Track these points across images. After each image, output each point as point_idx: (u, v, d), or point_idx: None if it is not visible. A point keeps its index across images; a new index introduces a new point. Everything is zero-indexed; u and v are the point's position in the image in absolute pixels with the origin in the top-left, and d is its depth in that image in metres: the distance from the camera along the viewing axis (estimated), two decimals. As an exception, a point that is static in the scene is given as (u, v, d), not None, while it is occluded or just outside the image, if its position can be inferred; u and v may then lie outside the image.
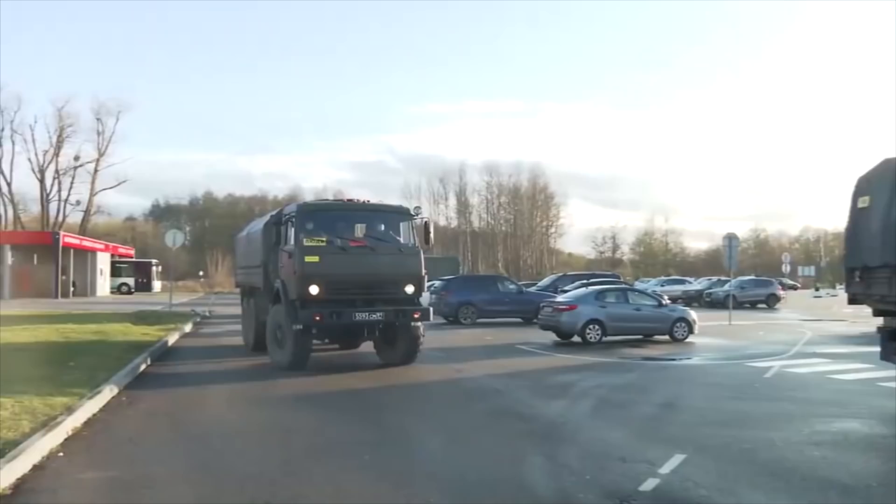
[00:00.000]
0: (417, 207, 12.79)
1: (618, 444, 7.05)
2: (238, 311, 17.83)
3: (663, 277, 53.66)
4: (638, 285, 35.50)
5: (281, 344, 11.99)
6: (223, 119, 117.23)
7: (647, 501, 5.21)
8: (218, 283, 62.95)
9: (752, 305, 36.44)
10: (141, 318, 21.73)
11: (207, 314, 27.54)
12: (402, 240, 12.47)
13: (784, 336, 19.24)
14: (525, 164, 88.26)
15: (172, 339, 16.95)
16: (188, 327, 20.71)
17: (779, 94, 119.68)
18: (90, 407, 8.00)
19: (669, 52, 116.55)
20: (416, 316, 11.98)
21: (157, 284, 57.06)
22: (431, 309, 13.04)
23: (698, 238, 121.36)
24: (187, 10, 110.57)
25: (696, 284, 42.84)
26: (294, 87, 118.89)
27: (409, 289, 12.03)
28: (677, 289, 40.30)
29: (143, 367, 11.81)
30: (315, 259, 11.40)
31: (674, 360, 13.56)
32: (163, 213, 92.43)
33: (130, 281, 54.64)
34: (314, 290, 11.35)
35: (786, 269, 49.33)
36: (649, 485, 5.54)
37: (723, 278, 38.42)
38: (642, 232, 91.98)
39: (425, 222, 13.04)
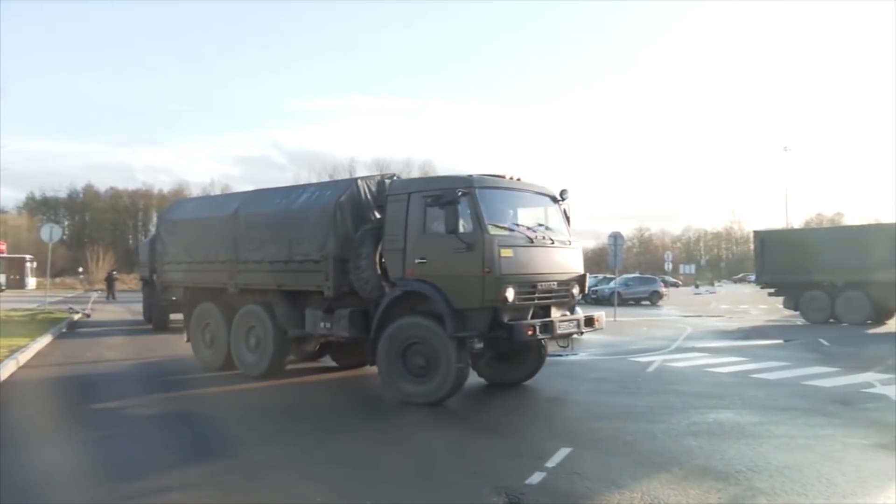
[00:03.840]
0: (565, 191, 10.53)
1: (505, 439, 7.40)
2: (129, 317, 16.24)
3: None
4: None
5: (426, 372, 9.11)
6: (103, 109, 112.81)
7: (534, 494, 5.47)
8: (99, 280, 59.68)
9: (637, 302, 38.44)
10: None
11: (87, 314, 25.43)
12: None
13: (666, 332, 20.40)
14: (415, 162, 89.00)
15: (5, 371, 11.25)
16: (45, 341, 16.00)
17: (660, 95, 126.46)
18: None
19: (556, 51, 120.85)
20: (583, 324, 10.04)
21: (31, 281, 54.09)
22: None
23: (584, 236, 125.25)
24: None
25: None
26: (178, 79, 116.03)
27: (576, 290, 10.16)
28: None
29: None
30: (510, 254, 9.01)
31: (560, 355, 14.11)
32: (38, 207, 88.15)
33: (2, 278, 51.54)
34: (510, 294, 8.90)
35: (668, 267, 52.22)
36: (535, 478, 5.82)
37: (608, 276, 40.27)
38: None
39: (564, 209, 10.68)
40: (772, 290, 24.59)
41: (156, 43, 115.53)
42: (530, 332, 8.95)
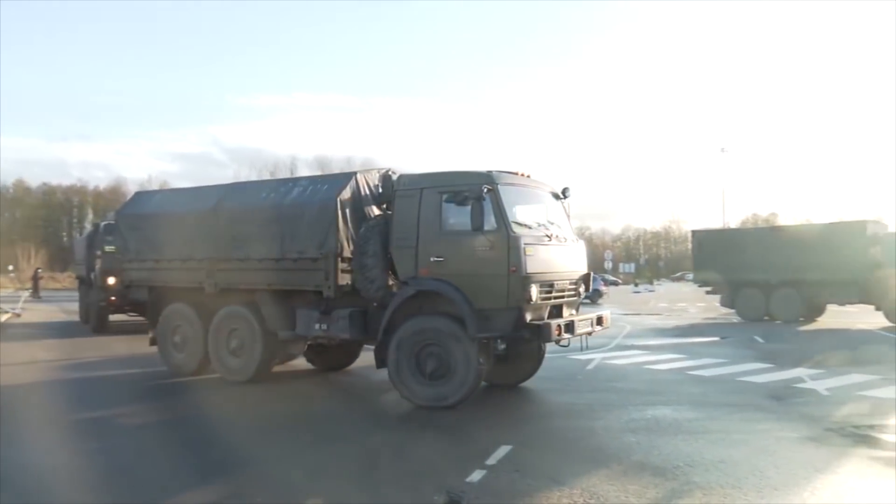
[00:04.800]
0: (566, 189, 10.38)
1: (446, 438, 7.48)
2: (63, 317, 15.32)
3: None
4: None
5: (440, 375, 8.86)
6: (35, 103, 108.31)
7: (474, 492, 5.53)
8: (28, 278, 57.34)
9: (577, 301, 38.94)
10: None
11: (17, 314, 24.18)
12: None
13: (605, 330, 20.71)
14: (357, 160, 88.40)
15: None
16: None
17: (599, 95, 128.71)
18: None
19: (497, 49, 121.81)
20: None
21: None
22: None
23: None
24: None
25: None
26: (114, 73, 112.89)
27: (582, 289, 10.06)
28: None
29: None
30: (532, 252, 8.76)
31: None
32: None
33: None
34: (535, 293, 8.74)
35: (608, 265, 53.29)
36: (476, 476, 5.90)
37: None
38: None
39: (565, 207, 10.53)
40: (709, 289, 25.27)
41: (91, 35, 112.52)
42: (558, 332, 8.83)
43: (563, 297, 9.47)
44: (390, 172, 10.23)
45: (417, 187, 9.33)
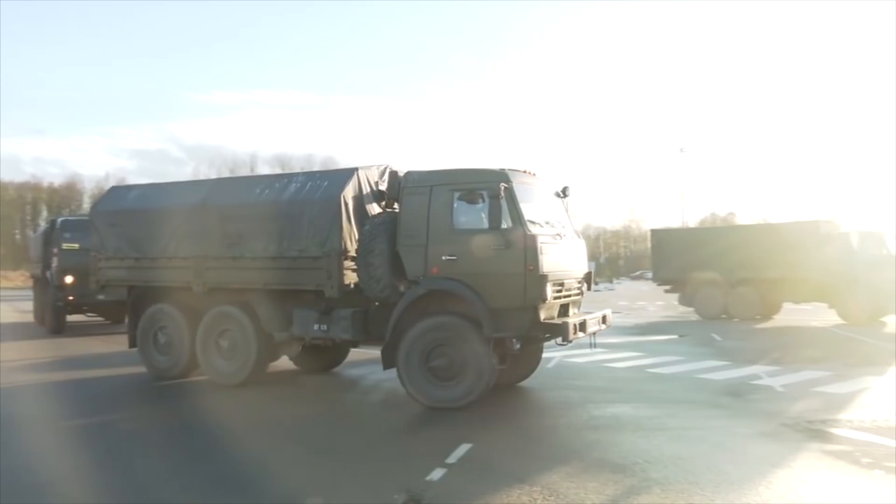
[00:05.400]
0: (567, 187, 10.26)
1: (406, 437, 7.55)
2: (15, 317, 14.63)
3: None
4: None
5: (452, 376, 8.79)
6: None
7: (435, 491, 5.58)
8: None
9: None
10: None
11: None
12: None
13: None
14: (317, 158, 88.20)
15: None
16: None
17: (559, 94, 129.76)
18: None
19: (456, 46, 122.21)
20: None
21: None
22: None
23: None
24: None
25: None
26: (69, 68, 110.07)
27: (585, 288, 10.11)
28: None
29: None
30: (547, 251, 8.75)
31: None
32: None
33: None
34: (550, 292, 8.74)
35: (569, 264, 53.42)
36: (436, 475, 5.95)
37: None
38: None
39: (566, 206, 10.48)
40: (668, 287, 25.66)
41: (46, 29, 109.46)
42: (573, 332, 8.80)
43: (570, 295, 9.49)
44: (392, 169, 10.12)
45: (427, 184, 9.19)
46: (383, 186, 10.25)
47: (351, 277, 9.64)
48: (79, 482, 5.95)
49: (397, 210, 9.51)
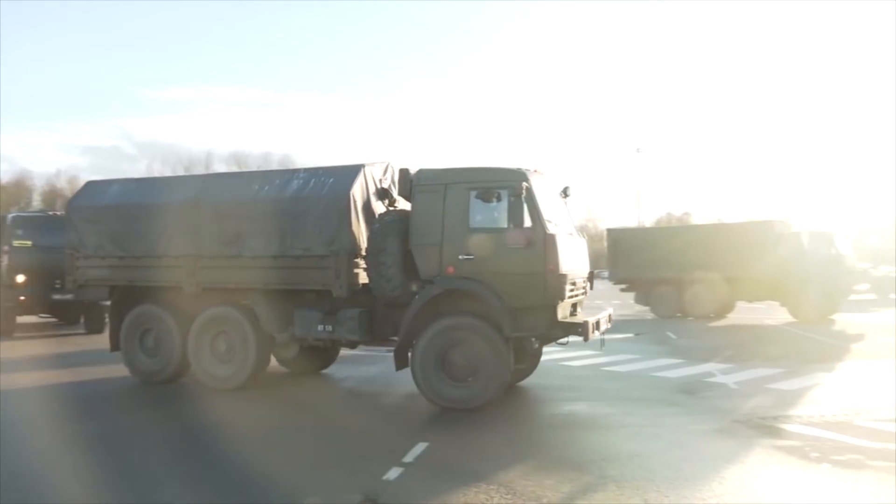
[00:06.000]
0: (567, 187, 10.17)
1: (363, 436, 7.52)
2: None
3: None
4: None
5: (468, 376, 8.73)
6: None
7: (391, 490, 5.59)
8: None
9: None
10: None
11: None
12: None
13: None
14: (275, 156, 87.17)
15: None
16: None
17: (515, 92, 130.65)
18: None
19: (414, 45, 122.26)
20: None
21: None
22: None
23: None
24: None
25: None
26: (18, 62, 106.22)
27: (588, 286, 10.11)
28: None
29: None
30: (565, 250, 8.81)
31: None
32: None
33: None
34: (568, 292, 8.79)
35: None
36: (393, 474, 5.96)
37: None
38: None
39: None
40: (624, 286, 26.04)
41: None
42: (593, 331, 8.87)
43: (578, 294, 9.52)
44: (401, 167, 9.80)
45: (441, 182, 9.08)
46: (386, 184, 10.17)
47: (359, 277, 9.49)
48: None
49: (407, 208, 9.47)
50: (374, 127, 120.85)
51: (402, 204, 9.90)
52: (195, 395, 10.04)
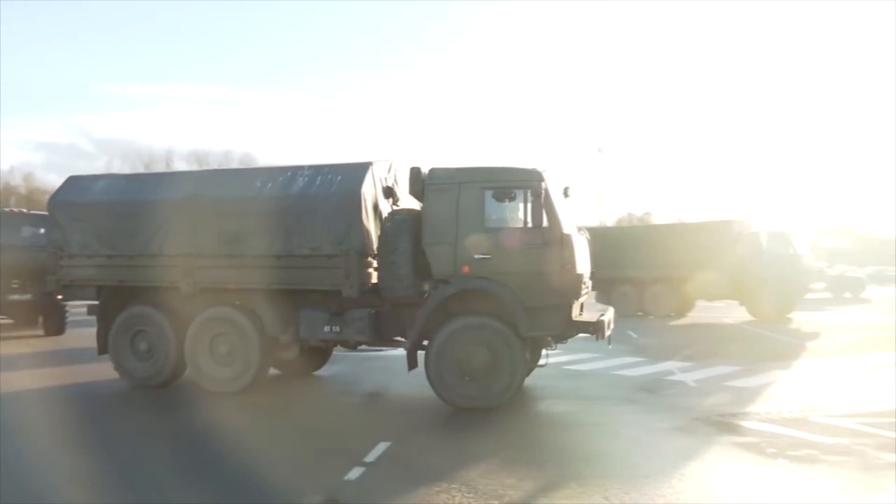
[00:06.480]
0: (568, 187, 10.05)
1: (324, 436, 7.54)
2: None
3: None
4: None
5: (484, 376, 8.72)
6: None
7: (352, 490, 5.59)
8: None
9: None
10: None
11: None
12: None
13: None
14: (236, 154, 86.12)
15: None
16: None
17: (477, 92, 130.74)
18: None
19: (375, 43, 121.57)
20: None
21: None
22: None
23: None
24: None
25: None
26: None
27: (590, 285, 10.19)
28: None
29: None
30: (577, 249, 8.82)
31: (380, 350, 14.27)
32: None
33: None
34: (583, 292, 8.94)
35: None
36: (354, 474, 5.97)
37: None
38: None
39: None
40: (585, 285, 26.27)
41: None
42: (607, 329, 9.03)
43: (584, 293, 9.56)
44: (413, 166, 9.66)
45: (454, 182, 9.02)
46: (390, 182, 10.07)
47: (370, 277, 9.39)
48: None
49: (413, 207, 9.44)
50: (335, 126, 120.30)
51: (404, 203, 9.96)
52: (156, 397, 9.92)
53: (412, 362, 9.13)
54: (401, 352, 10.56)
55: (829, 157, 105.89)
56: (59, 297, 12.60)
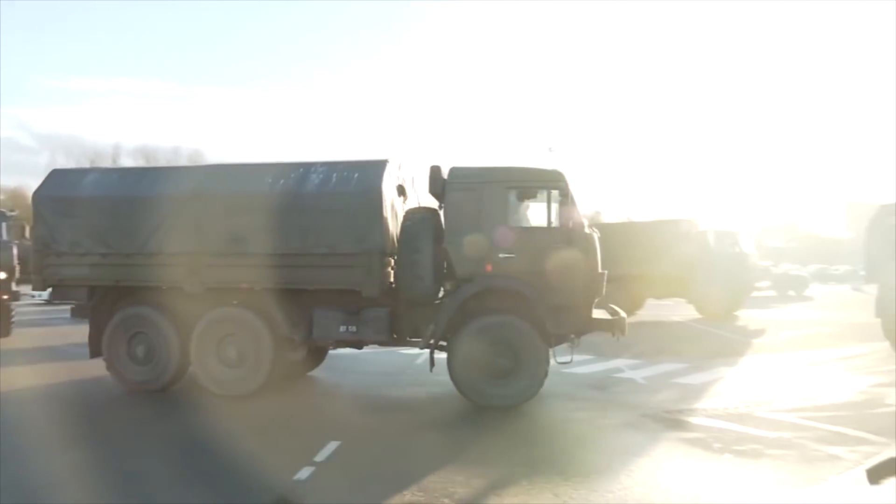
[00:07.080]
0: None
1: (274, 435, 7.49)
2: None
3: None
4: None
5: (507, 374, 8.80)
6: None
7: (302, 490, 5.58)
8: None
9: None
10: None
11: None
12: None
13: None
14: (184, 150, 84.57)
15: None
16: None
17: (429, 90, 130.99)
18: None
19: (327, 40, 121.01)
20: None
21: None
22: None
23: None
24: None
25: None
26: None
27: None
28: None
29: None
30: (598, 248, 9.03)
31: (330, 348, 14.23)
32: None
33: None
34: (602, 292, 9.22)
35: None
36: (304, 473, 5.96)
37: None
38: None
39: None
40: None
41: None
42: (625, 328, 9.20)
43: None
44: (432, 165, 9.64)
45: (477, 181, 9.04)
46: (401, 180, 9.99)
47: (390, 276, 9.30)
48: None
49: (437, 206, 9.48)
50: (284, 123, 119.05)
51: (412, 201, 10.12)
52: (118, 399, 9.72)
53: (433, 361, 9.33)
54: (351, 351, 10.58)
55: (775, 157, 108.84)
56: (5, 296, 12.16)
